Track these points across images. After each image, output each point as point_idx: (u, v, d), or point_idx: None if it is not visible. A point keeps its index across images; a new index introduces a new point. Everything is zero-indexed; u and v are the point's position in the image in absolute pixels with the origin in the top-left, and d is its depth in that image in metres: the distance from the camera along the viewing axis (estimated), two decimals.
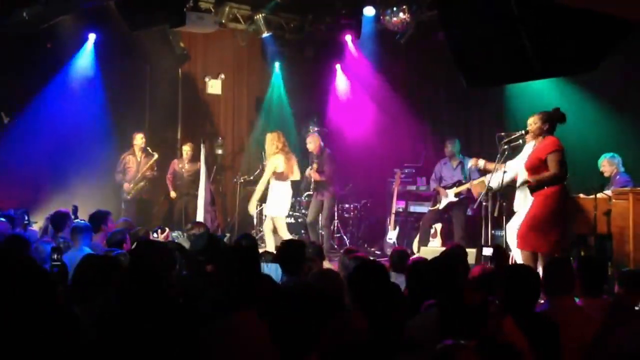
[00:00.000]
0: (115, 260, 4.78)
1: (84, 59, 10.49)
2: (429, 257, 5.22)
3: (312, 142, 9.96)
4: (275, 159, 9.21)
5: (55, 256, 4.69)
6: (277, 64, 12.36)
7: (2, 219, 7.22)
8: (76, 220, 7.37)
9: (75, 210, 8.15)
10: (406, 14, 10.12)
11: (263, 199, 9.70)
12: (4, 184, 10.45)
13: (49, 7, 8.53)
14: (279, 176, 9.26)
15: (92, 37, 10.31)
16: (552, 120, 6.49)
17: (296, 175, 9.54)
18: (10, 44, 9.52)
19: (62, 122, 10.62)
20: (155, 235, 7.33)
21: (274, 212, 9.32)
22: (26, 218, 8.11)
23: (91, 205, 8.86)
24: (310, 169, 9.84)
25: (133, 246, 6.36)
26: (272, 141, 9.28)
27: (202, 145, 10.14)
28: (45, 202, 10.02)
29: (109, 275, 4.31)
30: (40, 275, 3.05)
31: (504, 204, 7.51)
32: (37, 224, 8.54)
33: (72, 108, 10.61)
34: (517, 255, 6.84)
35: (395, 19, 10.16)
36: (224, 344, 3.10)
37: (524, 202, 6.76)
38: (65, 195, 9.78)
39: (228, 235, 9.50)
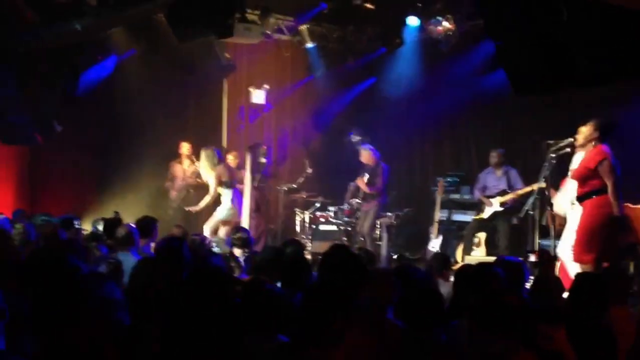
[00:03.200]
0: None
1: (132, 69, 10.72)
2: None
3: (366, 155, 10.28)
4: (218, 170, 9.61)
5: (112, 255, 4.85)
6: (318, 74, 12.46)
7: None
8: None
9: (117, 215, 8.34)
10: (450, 23, 10.14)
11: None
12: (56, 190, 10.75)
13: (100, 19, 8.73)
14: (225, 184, 9.66)
15: (140, 47, 10.54)
16: (603, 128, 6.45)
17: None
18: (62, 55, 9.79)
19: (110, 130, 10.89)
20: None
21: (220, 215, 9.63)
22: (77, 223, 8.34)
23: (137, 212, 9.06)
24: (360, 178, 10.17)
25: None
26: (208, 158, 9.65)
27: (247, 154, 10.28)
28: (93, 209, 10.28)
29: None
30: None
31: (552, 212, 7.45)
32: (86, 230, 8.77)
33: (119, 117, 10.87)
34: (567, 266, 6.81)
35: (439, 27, 10.19)
36: None
37: (571, 209, 6.73)
38: (111, 202, 9.99)
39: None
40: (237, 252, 6.79)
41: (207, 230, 9.42)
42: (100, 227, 7.62)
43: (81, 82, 9.81)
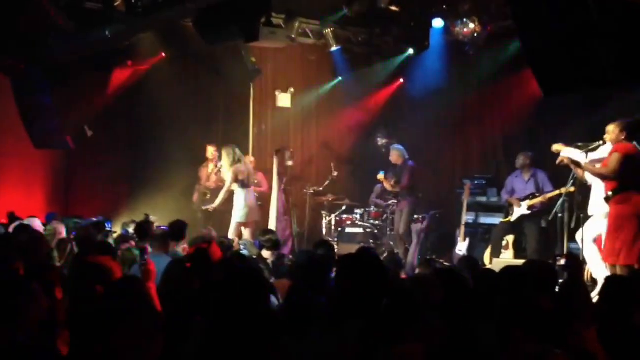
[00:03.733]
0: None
1: (161, 74, 10.86)
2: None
3: (395, 155, 10.38)
4: (235, 169, 9.56)
5: (144, 257, 4.92)
6: (344, 77, 12.50)
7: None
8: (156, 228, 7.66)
9: (147, 218, 8.44)
10: (476, 25, 10.13)
11: None
12: (87, 193, 10.92)
13: (130, 26, 8.87)
14: (241, 183, 9.63)
15: (168, 53, 10.69)
16: (630, 129, 6.43)
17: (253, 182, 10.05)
18: (93, 61, 9.96)
19: (141, 134, 11.03)
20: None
21: (237, 218, 9.62)
22: (108, 226, 8.47)
23: (167, 214, 9.19)
24: (385, 180, 10.32)
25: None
26: (228, 155, 9.64)
27: (274, 157, 10.35)
28: (124, 212, 10.43)
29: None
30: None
31: (581, 215, 7.42)
32: (116, 233, 8.90)
33: (149, 121, 11.01)
34: (593, 267, 6.78)
35: (465, 30, 10.18)
36: None
37: (598, 206, 6.72)
38: (142, 205, 10.12)
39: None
40: (266, 254, 6.84)
41: (231, 235, 9.49)
42: (131, 230, 7.73)
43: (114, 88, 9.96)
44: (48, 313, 3.64)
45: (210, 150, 10.93)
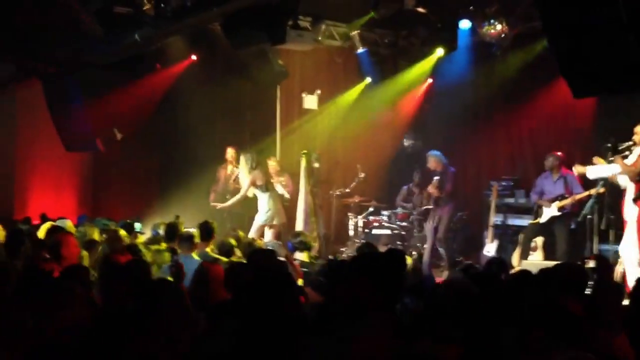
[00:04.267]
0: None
1: (189, 77, 10.97)
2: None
3: (433, 161, 10.41)
4: (253, 175, 9.73)
5: (174, 258, 5.00)
6: (370, 79, 12.51)
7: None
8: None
9: (177, 220, 8.52)
10: (504, 26, 10.09)
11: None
12: (116, 195, 11.07)
13: (159, 30, 8.97)
14: (261, 187, 9.79)
15: (196, 56, 10.80)
16: None
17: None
18: (122, 64, 10.09)
19: (169, 137, 11.15)
20: None
21: (260, 221, 9.76)
22: (138, 227, 8.58)
23: (195, 215, 9.27)
24: (431, 185, 10.36)
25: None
26: (247, 161, 9.80)
27: (301, 159, 10.39)
28: (153, 213, 10.54)
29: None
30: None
31: (611, 216, 7.35)
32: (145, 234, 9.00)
33: (178, 123, 11.12)
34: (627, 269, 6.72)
35: (492, 31, 10.14)
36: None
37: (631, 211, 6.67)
38: (170, 207, 10.23)
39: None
40: (300, 255, 6.86)
41: (252, 235, 9.55)
42: (161, 231, 7.82)
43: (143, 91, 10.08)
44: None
45: (230, 152, 11.01)
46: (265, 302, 3.21)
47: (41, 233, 7.34)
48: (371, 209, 11.55)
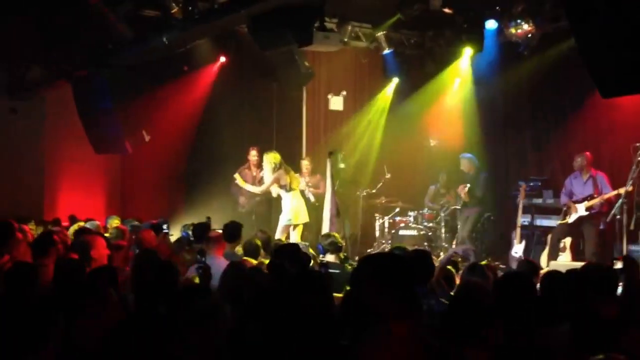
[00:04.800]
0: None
1: (216, 79, 11.05)
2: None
3: (466, 164, 10.66)
4: (277, 174, 9.79)
5: (201, 258, 5.03)
6: (396, 80, 12.50)
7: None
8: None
9: (208, 221, 8.58)
10: (530, 26, 10.02)
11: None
12: (144, 196, 11.18)
13: (186, 32, 9.05)
14: (285, 187, 9.86)
15: (224, 58, 10.88)
16: None
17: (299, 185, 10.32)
18: (151, 67, 10.20)
19: (197, 138, 11.23)
20: None
21: (284, 221, 9.84)
22: (166, 228, 8.65)
23: (222, 216, 9.34)
24: (461, 187, 10.51)
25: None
26: (270, 161, 9.86)
27: (327, 160, 10.41)
28: (181, 214, 10.64)
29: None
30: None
31: None
32: (173, 235, 9.09)
33: (205, 125, 11.20)
34: None
35: (519, 31, 10.08)
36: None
37: None
38: (198, 207, 10.32)
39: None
40: (330, 257, 6.86)
41: (278, 236, 9.59)
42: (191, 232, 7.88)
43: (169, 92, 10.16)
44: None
45: (253, 154, 11.06)
46: (295, 304, 3.23)
47: (70, 234, 7.44)
48: (397, 210, 11.54)
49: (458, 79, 12.22)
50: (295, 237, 9.68)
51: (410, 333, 3.04)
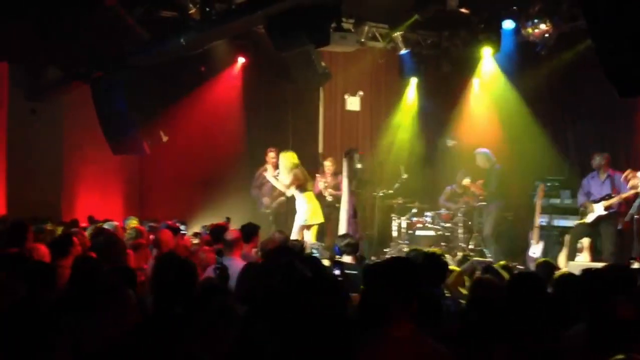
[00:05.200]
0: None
1: (234, 80, 11.10)
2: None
3: (481, 159, 10.59)
4: (295, 174, 9.81)
5: (219, 259, 5.05)
6: (413, 80, 12.49)
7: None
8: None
9: (228, 222, 8.63)
10: (548, 25, 9.97)
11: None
12: (161, 197, 11.24)
13: (204, 33, 9.09)
14: (300, 188, 9.84)
15: (241, 59, 10.92)
16: None
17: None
18: (168, 69, 10.26)
19: (215, 139, 11.27)
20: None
21: (300, 221, 9.83)
22: (183, 229, 8.71)
23: (241, 217, 9.37)
24: (474, 183, 10.55)
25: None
26: (287, 160, 9.87)
27: (344, 160, 10.42)
28: (198, 215, 10.68)
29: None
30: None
31: None
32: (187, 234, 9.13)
33: (222, 126, 11.24)
34: None
35: (536, 30, 10.03)
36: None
37: None
38: (217, 209, 10.36)
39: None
40: (347, 258, 6.86)
41: (294, 237, 9.60)
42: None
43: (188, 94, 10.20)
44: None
45: (271, 155, 11.10)
46: (310, 306, 3.23)
47: (88, 235, 7.49)
48: (414, 210, 11.51)
49: (476, 79, 12.19)
50: (309, 238, 9.69)
51: (413, 335, 3.05)
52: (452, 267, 6.09)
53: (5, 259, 5.14)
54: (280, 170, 10.07)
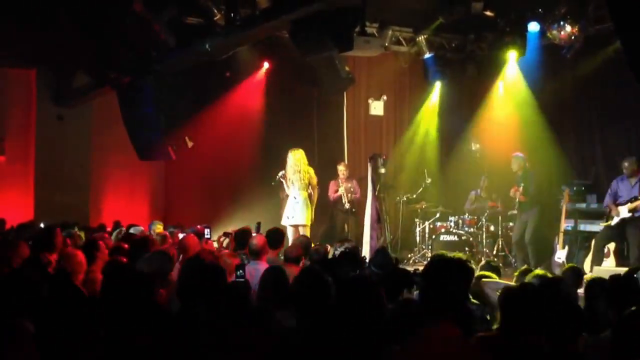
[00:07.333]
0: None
1: (258, 85, 11.16)
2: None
3: (517, 164, 10.44)
4: (312, 172, 9.73)
5: (239, 272, 5.03)
6: (438, 84, 12.46)
7: None
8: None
9: (258, 227, 8.62)
10: (574, 28, 9.88)
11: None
12: (186, 202, 11.31)
13: (228, 39, 9.16)
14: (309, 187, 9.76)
15: (266, 64, 10.98)
16: None
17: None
18: (193, 74, 10.35)
19: (239, 144, 11.33)
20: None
21: (301, 221, 9.62)
22: (208, 234, 8.73)
23: (267, 223, 9.38)
24: (514, 188, 10.33)
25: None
26: (303, 157, 9.76)
27: (368, 164, 10.42)
28: (223, 220, 10.74)
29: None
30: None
31: None
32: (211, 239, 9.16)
33: (247, 131, 11.30)
34: None
35: (562, 33, 9.95)
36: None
37: None
38: (242, 214, 10.40)
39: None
40: None
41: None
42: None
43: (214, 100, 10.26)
44: None
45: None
46: (339, 308, 3.24)
47: (115, 239, 7.58)
48: (438, 215, 11.48)
49: (501, 82, 12.12)
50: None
51: (458, 336, 3.06)
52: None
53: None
54: (292, 168, 9.91)
